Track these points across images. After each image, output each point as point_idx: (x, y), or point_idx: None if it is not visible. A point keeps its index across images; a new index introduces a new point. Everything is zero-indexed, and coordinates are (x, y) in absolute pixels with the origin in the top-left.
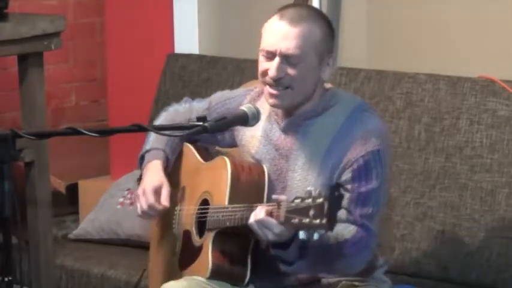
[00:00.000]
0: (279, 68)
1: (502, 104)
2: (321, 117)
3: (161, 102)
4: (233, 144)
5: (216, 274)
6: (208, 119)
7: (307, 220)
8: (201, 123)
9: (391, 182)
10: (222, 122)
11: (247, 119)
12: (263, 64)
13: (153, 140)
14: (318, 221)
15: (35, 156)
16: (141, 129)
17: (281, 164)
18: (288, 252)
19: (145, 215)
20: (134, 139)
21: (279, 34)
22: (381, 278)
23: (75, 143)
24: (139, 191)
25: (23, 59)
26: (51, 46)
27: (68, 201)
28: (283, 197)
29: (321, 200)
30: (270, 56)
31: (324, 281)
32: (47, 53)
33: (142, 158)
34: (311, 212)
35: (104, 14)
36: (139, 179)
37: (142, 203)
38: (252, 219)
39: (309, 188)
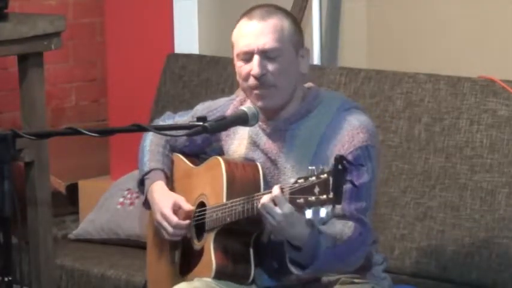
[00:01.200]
0: (260, 64)
1: (502, 104)
2: (306, 119)
3: (161, 102)
4: (220, 155)
5: (220, 274)
6: None
7: (313, 198)
8: (201, 123)
9: (391, 182)
10: (222, 122)
11: (247, 119)
12: (243, 68)
13: (148, 160)
14: (324, 196)
15: (35, 156)
16: (141, 129)
17: (271, 168)
18: (302, 254)
19: (175, 235)
20: (134, 139)
21: (253, 33)
22: (380, 275)
23: (75, 143)
24: (158, 217)
25: (23, 59)
26: (51, 46)
27: (68, 201)
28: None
29: (324, 175)
30: (248, 57)
31: (324, 279)
32: (47, 53)
33: (141, 181)
34: (316, 189)
35: (104, 14)
36: (145, 203)
37: (167, 227)
38: (263, 199)
39: (310, 167)
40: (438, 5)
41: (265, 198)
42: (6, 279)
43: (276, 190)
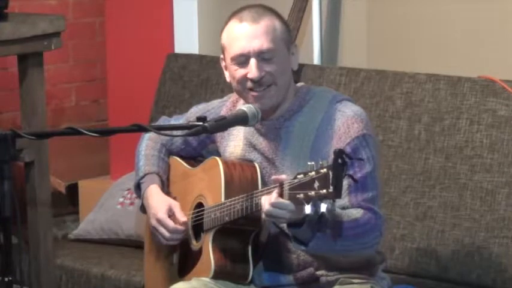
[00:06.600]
0: (258, 67)
1: (502, 104)
2: (300, 114)
3: (161, 102)
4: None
5: (219, 274)
6: None
7: (312, 193)
8: (200, 123)
9: (392, 182)
10: (222, 122)
11: (247, 119)
12: (239, 71)
13: (143, 164)
14: (324, 191)
15: (35, 156)
16: (141, 129)
17: (268, 167)
18: (302, 230)
19: (172, 240)
20: (134, 139)
21: (247, 35)
22: (380, 274)
23: (75, 143)
24: (153, 222)
25: (23, 59)
26: (51, 46)
27: (68, 201)
28: (283, 176)
29: (324, 170)
30: (243, 60)
31: (323, 279)
32: (47, 53)
33: (138, 186)
34: (316, 184)
35: (104, 14)
36: (142, 207)
37: (163, 232)
38: (266, 205)
39: (309, 163)
40: (438, 5)
41: (265, 206)
42: (6, 279)
43: (274, 195)
